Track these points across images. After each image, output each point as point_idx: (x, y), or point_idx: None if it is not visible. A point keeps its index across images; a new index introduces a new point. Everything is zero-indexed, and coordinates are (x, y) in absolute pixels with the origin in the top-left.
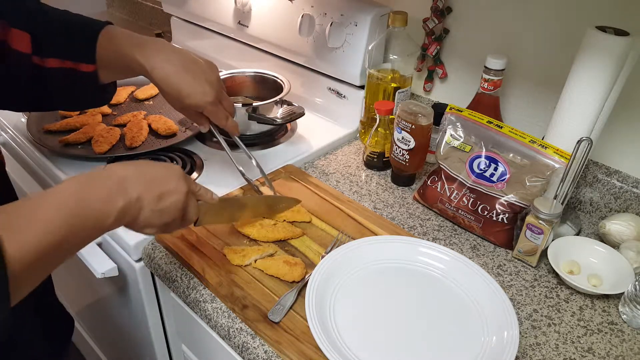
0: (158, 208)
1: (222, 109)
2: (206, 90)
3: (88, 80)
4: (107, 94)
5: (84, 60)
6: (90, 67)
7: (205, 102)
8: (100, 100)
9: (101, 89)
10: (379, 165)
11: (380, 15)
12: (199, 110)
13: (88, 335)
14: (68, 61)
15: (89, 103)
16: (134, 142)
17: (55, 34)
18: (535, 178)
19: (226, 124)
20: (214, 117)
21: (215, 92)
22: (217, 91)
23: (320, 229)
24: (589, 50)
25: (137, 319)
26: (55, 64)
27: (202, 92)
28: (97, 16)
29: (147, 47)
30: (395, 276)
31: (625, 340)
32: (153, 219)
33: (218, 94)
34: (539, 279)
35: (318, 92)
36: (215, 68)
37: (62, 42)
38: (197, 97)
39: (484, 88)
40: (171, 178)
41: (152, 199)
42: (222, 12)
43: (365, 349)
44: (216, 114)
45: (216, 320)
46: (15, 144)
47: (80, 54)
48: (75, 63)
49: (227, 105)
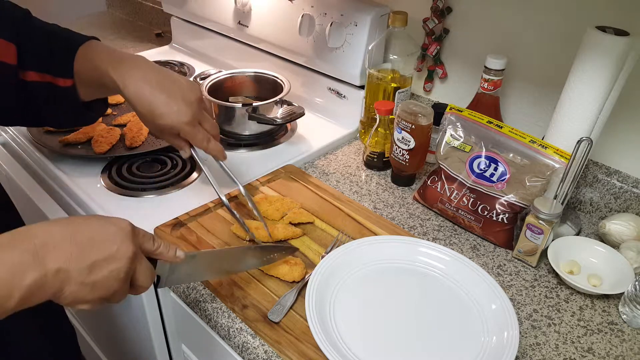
0: (89, 281)
1: (202, 131)
2: (181, 110)
3: (68, 96)
4: (92, 112)
5: (61, 74)
6: (68, 82)
7: (180, 121)
8: (84, 118)
9: (85, 106)
10: (379, 165)
11: (380, 15)
12: (174, 131)
13: (88, 336)
14: (47, 75)
15: (73, 121)
16: (134, 142)
17: (38, 47)
18: (535, 178)
19: (207, 146)
20: (192, 139)
21: (192, 112)
22: (194, 111)
23: (320, 229)
24: (589, 50)
25: (137, 319)
26: (36, 78)
27: (177, 112)
28: (97, 16)
29: (123, 63)
30: (395, 276)
31: (625, 340)
32: (84, 293)
33: (196, 115)
34: (539, 279)
35: (318, 92)
36: (196, 88)
37: (43, 55)
38: (170, 117)
39: (484, 88)
40: (111, 241)
41: (81, 270)
42: (222, 12)
43: (365, 348)
44: (195, 136)
45: (216, 320)
46: (15, 144)
47: (58, 68)
48: (53, 77)
49: (209, 127)
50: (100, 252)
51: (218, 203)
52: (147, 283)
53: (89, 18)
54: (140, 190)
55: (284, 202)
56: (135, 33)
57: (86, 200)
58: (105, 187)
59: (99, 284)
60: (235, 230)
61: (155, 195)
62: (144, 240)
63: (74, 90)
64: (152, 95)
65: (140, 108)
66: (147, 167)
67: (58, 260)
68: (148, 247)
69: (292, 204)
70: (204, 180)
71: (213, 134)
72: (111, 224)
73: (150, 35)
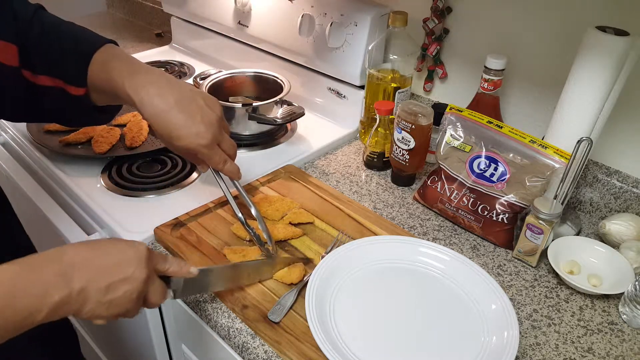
0: (106, 300)
1: (220, 152)
2: (200, 132)
3: (79, 103)
4: (105, 114)
5: (74, 83)
6: (80, 91)
7: (199, 144)
8: (96, 120)
9: (98, 109)
10: (379, 165)
11: (380, 15)
12: (191, 153)
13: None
14: (59, 80)
15: (85, 122)
16: (134, 142)
17: (48, 50)
18: (535, 178)
19: (224, 168)
20: (210, 161)
21: (212, 135)
22: (214, 133)
23: (320, 229)
24: (589, 50)
25: (137, 319)
26: (47, 82)
27: (196, 134)
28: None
29: (138, 77)
30: (395, 276)
31: (625, 340)
32: (100, 311)
33: (215, 136)
34: (539, 279)
35: (318, 92)
36: (216, 105)
37: (54, 60)
38: (189, 140)
39: (484, 88)
40: (127, 265)
41: (99, 290)
42: (222, 12)
43: (365, 348)
44: (212, 158)
45: (216, 320)
46: (15, 144)
47: (71, 76)
48: (65, 84)
49: (226, 148)
50: (116, 274)
51: (218, 203)
52: (158, 301)
53: (89, 18)
54: (140, 190)
55: (284, 202)
56: (135, 33)
57: (86, 200)
58: (105, 187)
59: (114, 303)
60: (235, 230)
61: (155, 195)
62: (157, 261)
63: (86, 97)
64: (169, 114)
65: (156, 127)
66: (147, 167)
67: (81, 280)
68: (161, 267)
69: (292, 204)
70: (204, 180)
71: (230, 154)
72: (130, 248)
73: (150, 35)
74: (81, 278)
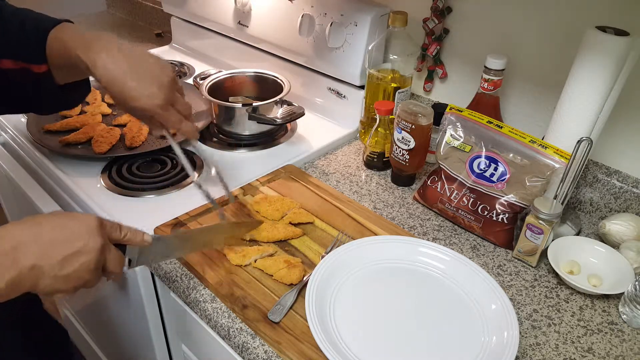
0: (62, 274)
1: (174, 113)
2: (153, 93)
3: (43, 82)
4: (72, 96)
5: (34, 60)
6: (42, 68)
7: (153, 105)
8: (65, 102)
9: (65, 90)
10: (379, 165)
11: (380, 15)
12: (146, 114)
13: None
14: (20, 62)
15: (55, 105)
16: (134, 142)
17: (10, 34)
18: (535, 178)
19: (180, 127)
20: (165, 122)
21: (165, 95)
22: (166, 94)
23: (320, 229)
24: (589, 50)
25: (137, 319)
26: (10, 65)
27: (149, 95)
28: (97, 16)
29: (92, 45)
30: (396, 276)
31: (625, 340)
32: (58, 285)
33: (168, 97)
34: (539, 279)
35: (318, 92)
36: (168, 68)
37: (14, 42)
38: (142, 100)
39: (484, 88)
40: (79, 237)
41: (53, 265)
42: (222, 12)
43: (365, 348)
44: (167, 119)
45: (216, 320)
46: (15, 144)
47: (31, 54)
48: (27, 64)
49: (182, 108)
50: (68, 248)
51: (218, 203)
52: (117, 269)
53: (89, 18)
54: (140, 190)
55: (284, 202)
56: (135, 33)
57: (86, 200)
58: (105, 187)
59: (72, 276)
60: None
61: (155, 195)
62: (111, 230)
63: (49, 75)
64: (123, 78)
65: (111, 90)
66: (147, 167)
67: (30, 257)
68: (115, 236)
69: (292, 204)
70: (204, 181)
71: (185, 114)
72: (74, 220)
73: (150, 35)
74: (30, 255)
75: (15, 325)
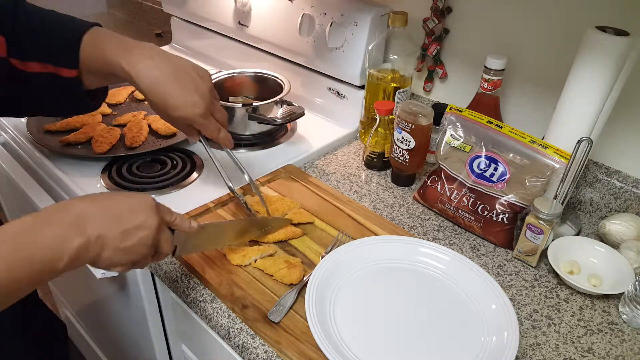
0: (123, 246)
1: (214, 121)
2: (196, 102)
3: (71, 86)
4: (94, 100)
5: (65, 65)
6: (73, 73)
7: (195, 114)
8: (86, 107)
9: (88, 95)
10: (379, 165)
11: (380, 15)
12: (187, 122)
13: (88, 336)
14: (49, 65)
15: (74, 110)
16: (134, 142)
17: (36, 36)
18: (535, 178)
19: (218, 136)
20: (205, 130)
21: (206, 104)
22: (207, 103)
23: (320, 229)
24: (589, 50)
25: (137, 319)
26: (37, 68)
27: (192, 104)
28: (97, 17)
29: (134, 52)
30: (396, 276)
31: (625, 340)
32: (118, 257)
33: (209, 106)
34: (539, 279)
35: (318, 92)
36: (208, 77)
37: (43, 44)
38: (185, 110)
39: (484, 88)
40: (139, 212)
41: (116, 237)
42: (222, 12)
43: (365, 348)
44: (207, 127)
45: (216, 320)
46: (15, 144)
47: (62, 59)
48: (56, 67)
49: (219, 117)
50: (130, 222)
51: (218, 203)
52: (168, 250)
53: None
54: (140, 190)
55: (284, 202)
56: (136, 33)
57: None
58: (106, 187)
59: (131, 249)
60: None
61: (156, 195)
62: (164, 212)
63: (78, 79)
64: (165, 86)
65: (153, 98)
66: (147, 167)
67: (97, 228)
68: (168, 219)
69: (292, 204)
70: (204, 181)
71: (223, 122)
72: (138, 200)
73: (150, 35)
74: (97, 225)
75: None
